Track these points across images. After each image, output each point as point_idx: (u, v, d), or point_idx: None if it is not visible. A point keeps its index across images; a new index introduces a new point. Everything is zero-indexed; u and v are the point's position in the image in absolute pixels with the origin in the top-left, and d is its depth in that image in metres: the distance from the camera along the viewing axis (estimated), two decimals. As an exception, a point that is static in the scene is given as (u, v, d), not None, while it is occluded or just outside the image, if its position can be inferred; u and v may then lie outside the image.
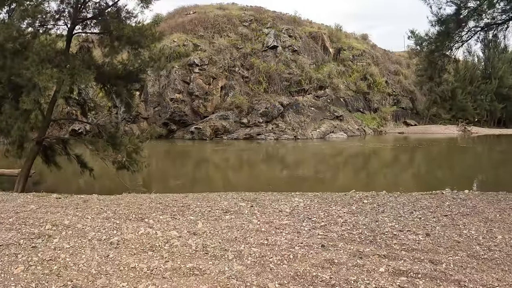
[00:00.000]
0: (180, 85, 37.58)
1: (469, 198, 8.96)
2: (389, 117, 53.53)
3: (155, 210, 7.60)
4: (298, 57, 44.07)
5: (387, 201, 8.55)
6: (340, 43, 52.84)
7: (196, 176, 18.37)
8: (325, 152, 29.94)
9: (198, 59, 38.60)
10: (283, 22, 47.36)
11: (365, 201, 8.58)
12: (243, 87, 39.81)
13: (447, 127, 57.25)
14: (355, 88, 49.99)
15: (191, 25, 43.78)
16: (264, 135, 36.79)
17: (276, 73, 41.35)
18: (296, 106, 40.79)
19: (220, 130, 36.23)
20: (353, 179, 18.16)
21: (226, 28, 43.77)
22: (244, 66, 41.20)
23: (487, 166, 24.15)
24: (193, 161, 24.33)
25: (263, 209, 7.70)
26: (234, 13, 46.61)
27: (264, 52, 42.85)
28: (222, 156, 27.12)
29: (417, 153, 30.06)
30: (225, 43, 41.47)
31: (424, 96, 61.98)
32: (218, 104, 38.28)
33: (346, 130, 43.17)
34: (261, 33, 44.43)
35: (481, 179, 18.61)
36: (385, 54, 62.07)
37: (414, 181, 18.25)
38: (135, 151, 12.56)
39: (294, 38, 45.53)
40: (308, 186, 15.51)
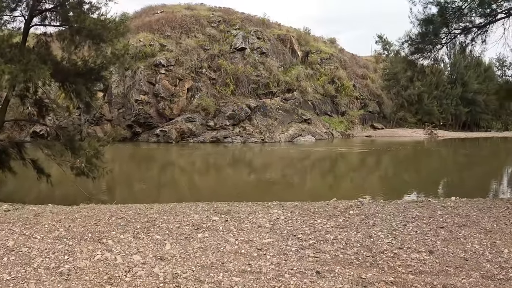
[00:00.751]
0: (146, 86, 37.01)
1: (459, 206, 8.87)
2: (357, 121, 54.29)
3: (115, 227, 6.75)
4: (267, 60, 44.07)
5: (374, 212, 8.22)
6: (308, 46, 53.34)
7: (162, 181, 17.93)
8: (293, 156, 29.85)
9: (164, 59, 38.11)
10: (251, 24, 47.37)
11: (351, 212, 8.18)
12: (210, 89, 39.52)
13: (413, 130, 58.54)
14: (323, 91, 50.53)
15: (158, 25, 43.30)
16: (231, 138, 36.54)
17: (244, 75, 41.24)
18: (264, 109, 40.71)
19: (186, 133, 35.78)
20: (325, 184, 18.14)
21: (194, 29, 43.46)
22: (211, 67, 40.92)
23: (454, 169, 24.74)
24: (158, 166, 23.75)
25: (240, 224, 7.03)
26: (203, 13, 46.39)
27: (232, 53, 42.70)
28: (188, 160, 26.68)
29: (387, 157, 30.42)
30: (192, 44, 41.14)
31: (390, 100, 63.12)
32: (184, 106, 37.88)
33: (314, 133, 43.36)
34: (229, 35, 44.31)
35: (449, 183, 18.95)
36: (352, 58, 63.03)
37: (386, 185, 18.19)
38: (96, 155, 11.67)
39: (262, 40, 45.52)
40: (279, 192, 15.39)
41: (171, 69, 38.08)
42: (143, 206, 8.75)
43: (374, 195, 14.83)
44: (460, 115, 69.60)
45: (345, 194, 14.52)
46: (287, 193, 15.38)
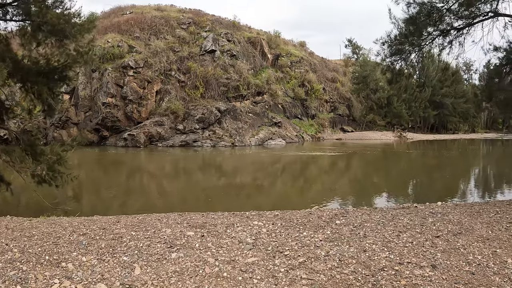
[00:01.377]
0: (113, 89, 36.53)
1: (448, 212, 8.75)
2: (327, 124, 54.75)
3: (76, 246, 5.97)
4: (237, 62, 44.02)
5: (362, 221, 7.82)
6: (278, 49, 53.67)
7: (130, 189, 17.37)
8: (264, 160, 29.84)
9: (133, 61, 37.71)
10: (222, 26, 47.27)
11: (338, 222, 7.72)
12: (179, 92, 39.25)
13: (383, 133, 59.47)
14: (293, 94, 50.90)
15: (127, 26, 42.85)
16: (200, 142, 36.41)
17: (214, 78, 41.15)
18: (234, 112, 40.60)
19: (154, 137, 35.45)
20: (300, 189, 17.96)
21: (163, 30, 43.15)
22: (180, 70, 40.67)
23: (427, 171, 25.23)
24: (126, 171, 23.39)
25: (218, 240, 6.35)
26: (172, 15, 46.11)
27: (202, 56, 42.55)
28: (157, 165, 26.33)
29: (360, 160, 30.71)
30: (161, 46, 40.82)
31: (360, 103, 63.77)
32: (153, 109, 37.56)
33: (284, 136, 43.53)
34: (199, 37, 44.18)
35: (424, 184, 19.34)
36: (322, 61, 63.70)
37: (362, 189, 18.25)
38: (59, 161, 10.93)
39: (233, 42, 45.48)
40: (253, 199, 15.40)
41: (139, 71, 37.71)
42: (109, 219, 8.07)
43: (352, 199, 15.32)
44: (428, 117, 71.18)
45: (321, 198, 14.86)
46: (262, 199, 15.39)
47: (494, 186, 19.58)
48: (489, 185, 20.23)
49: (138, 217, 8.33)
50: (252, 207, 12.44)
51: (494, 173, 26.73)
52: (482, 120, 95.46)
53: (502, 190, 18.10)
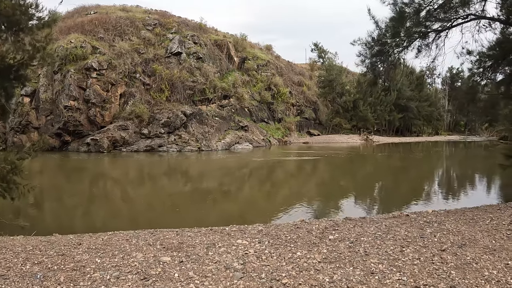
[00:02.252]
0: (76, 91, 35.64)
1: (443, 221, 8.51)
2: (293, 127, 54.90)
3: (29, 282, 4.96)
4: (203, 65, 43.70)
5: (357, 234, 7.35)
6: (245, 52, 53.63)
7: (93, 199, 16.77)
8: (232, 165, 29.61)
9: (96, 62, 36.92)
10: (188, 28, 46.89)
11: (331, 237, 7.08)
12: (144, 95, 38.70)
13: (349, 136, 60.17)
14: (260, 98, 50.94)
15: (91, 26, 41.94)
16: (166, 147, 35.96)
17: (179, 81, 40.76)
18: (200, 116, 40.25)
19: (118, 142, 34.80)
20: (273, 196, 17.76)
21: (128, 31, 42.47)
22: (145, 72, 40.13)
23: (396, 172, 26.27)
24: (89, 179, 22.58)
25: (201, 267, 5.47)
26: (138, 16, 45.43)
27: (168, 58, 42.07)
28: (121, 172, 25.83)
29: (328, 163, 30.79)
30: (126, 47, 40.15)
31: (326, 107, 64.23)
32: (116, 113, 36.90)
33: (251, 140, 43.44)
34: (165, 38, 43.68)
35: (396, 187, 19.80)
36: (288, 65, 63.99)
37: (334, 192, 18.34)
38: (13, 171, 9.62)
39: (199, 45, 45.16)
40: (225, 208, 14.96)
41: (103, 73, 36.96)
42: (69, 240, 7.08)
43: (325, 204, 15.54)
44: (393, 120, 72.27)
45: (292, 203, 14.85)
46: (231, 206, 15.19)
47: (463, 187, 20.19)
48: (459, 186, 20.89)
49: (102, 236, 7.45)
50: (222, 216, 12.76)
51: (460, 173, 28.25)
52: (445, 123, 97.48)
53: (470, 190, 18.96)
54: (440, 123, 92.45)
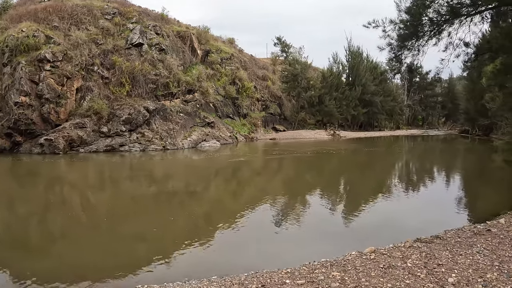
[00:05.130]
0: (27, 86, 31.86)
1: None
2: (259, 123, 53.17)
3: None
4: (166, 57, 40.86)
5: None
6: (208, 45, 51.51)
7: (45, 208, 14.59)
8: (199, 164, 28.45)
9: (50, 53, 33.31)
10: (150, 19, 43.90)
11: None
12: (102, 90, 35.45)
13: (316, 131, 59.77)
14: (224, 93, 49.02)
15: (45, 14, 37.94)
16: (128, 146, 32.97)
17: (141, 74, 37.81)
18: (164, 112, 37.47)
19: (76, 142, 31.24)
20: (244, 201, 16.64)
21: (86, 20, 38.87)
22: (104, 65, 36.89)
23: (373, 166, 28.38)
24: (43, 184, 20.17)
25: None
26: (96, 4, 41.71)
27: (128, 49, 39.00)
28: (79, 175, 23.12)
29: (299, 161, 30.80)
30: (83, 37, 36.64)
31: (289, 102, 63.05)
32: (73, 109, 33.35)
33: (218, 137, 41.28)
34: (125, 29, 40.56)
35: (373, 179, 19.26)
36: (252, 59, 62.77)
37: (308, 192, 18.10)
38: None
39: (161, 36, 42.26)
40: (190, 209, 14.70)
41: (57, 66, 33.44)
42: None
43: (297, 203, 15.91)
44: (358, 115, 71.89)
45: (264, 203, 15.25)
46: (202, 210, 14.71)
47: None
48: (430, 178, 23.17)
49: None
50: (189, 219, 13.14)
51: (429, 165, 31.81)
52: (405, 117, 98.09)
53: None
54: (401, 117, 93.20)
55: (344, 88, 68.36)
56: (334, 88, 65.72)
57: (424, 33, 14.80)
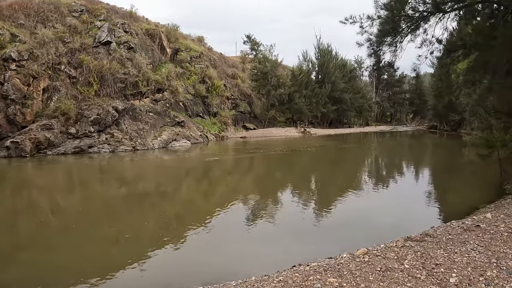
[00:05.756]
0: (-9, 86, 31.07)
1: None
2: (230, 122, 53.20)
3: None
4: (135, 56, 40.47)
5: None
6: (177, 43, 51.29)
7: (13, 214, 14.20)
8: (170, 164, 28.49)
9: (15, 52, 32.45)
10: (118, 16, 43.34)
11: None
12: (70, 90, 34.86)
13: (287, 129, 60.26)
14: (194, 91, 48.95)
15: (10, 11, 36.76)
16: (97, 147, 32.46)
17: (110, 73, 37.37)
18: (133, 112, 37.11)
19: (43, 144, 30.45)
20: (216, 202, 16.62)
21: (52, 18, 38.02)
22: (71, 64, 36.26)
23: (339, 163, 28.47)
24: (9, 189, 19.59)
25: None
26: (63, 1, 40.75)
27: (96, 48, 38.43)
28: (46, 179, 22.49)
29: (272, 158, 31.37)
30: (50, 35, 35.83)
31: (259, 100, 63.29)
32: (39, 110, 32.62)
33: (189, 137, 41.12)
34: (92, 26, 39.86)
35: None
36: (221, 57, 62.80)
37: (282, 191, 18.43)
38: None
39: (130, 34, 41.83)
40: (161, 210, 14.64)
41: (23, 65, 32.67)
42: None
43: (277, 203, 15.99)
44: (328, 113, 72.61)
45: (237, 202, 15.37)
46: (173, 210, 14.71)
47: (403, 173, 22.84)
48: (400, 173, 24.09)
49: None
50: (160, 220, 13.05)
51: (403, 160, 33.17)
52: (374, 114, 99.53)
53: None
54: (370, 114, 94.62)
55: (314, 86, 69.15)
56: (304, 86, 66.42)
57: (403, 29, 15.14)
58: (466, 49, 16.06)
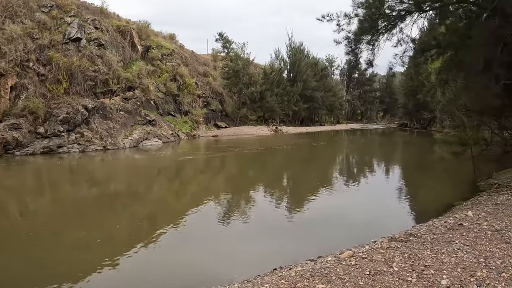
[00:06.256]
0: (-44, 84, 30.34)
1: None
2: (201, 120, 53.11)
3: None
4: (105, 53, 40.05)
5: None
6: (148, 40, 50.88)
7: None
8: (141, 164, 28.37)
9: (-19, 49, 31.76)
10: (88, 12, 42.76)
11: None
12: (38, 88, 34.23)
13: (258, 127, 60.61)
14: (165, 89, 48.79)
15: (-23, 6, 36.05)
16: (67, 147, 31.99)
17: (79, 70, 36.86)
18: (103, 110, 36.73)
19: (10, 144, 29.74)
20: (188, 201, 16.81)
21: (21, 13, 37.13)
22: (40, 61, 35.60)
23: (312, 161, 29.04)
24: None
25: None
26: (33, -5, 39.92)
27: (66, 44, 37.82)
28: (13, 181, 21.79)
29: (242, 158, 31.39)
30: (18, 31, 34.98)
31: (231, 98, 63.46)
32: (7, 109, 31.90)
33: (160, 136, 40.95)
34: (62, 22, 39.18)
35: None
36: (193, 55, 62.59)
37: (255, 190, 17.72)
38: None
39: (100, 30, 41.32)
40: (132, 211, 14.64)
41: (-10, 62, 31.99)
42: None
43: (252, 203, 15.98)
44: (299, 111, 73.17)
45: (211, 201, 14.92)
46: (145, 211, 14.67)
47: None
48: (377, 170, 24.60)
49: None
50: (132, 221, 13.03)
51: (376, 158, 33.73)
52: (345, 112, 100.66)
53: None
54: (341, 112, 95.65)
55: (286, 84, 69.70)
56: (276, 84, 66.85)
57: (381, 27, 15.39)
58: (440, 49, 16.46)
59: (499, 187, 15.01)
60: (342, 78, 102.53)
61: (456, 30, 15.27)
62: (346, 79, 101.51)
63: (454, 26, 15.76)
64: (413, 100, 61.82)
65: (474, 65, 13.01)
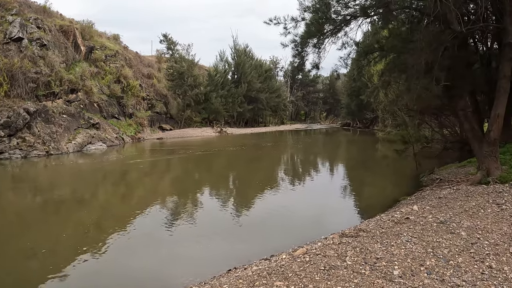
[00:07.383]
0: None
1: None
2: (146, 123, 53.16)
3: None
4: (48, 54, 39.58)
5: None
6: (92, 41, 50.49)
7: None
8: (84, 168, 28.24)
9: None
10: (31, 11, 42.05)
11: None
12: (-22, 90, 33.53)
13: (203, 129, 61.43)
14: (109, 92, 48.53)
15: None
16: (8, 153, 31.53)
17: (21, 72, 36.30)
18: (46, 114, 36.37)
19: None
20: (135, 205, 16.98)
21: (-41, 11, 36.32)
22: (-21, 62, 34.81)
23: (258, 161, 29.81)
24: None
25: None
26: (-29, -8, 38.94)
27: (6, 44, 37.14)
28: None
29: (188, 161, 31.79)
30: (-45, 31, 34.31)
31: (175, 100, 63.64)
32: None
33: (105, 139, 40.95)
34: (3, 21, 38.40)
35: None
36: (137, 56, 62.35)
37: (201, 192, 18.16)
38: None
39: (43, 30, 40.74)
40: (77, 217, 14.58)
41: None
42: None
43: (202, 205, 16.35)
44: (244, 112, 74.30)
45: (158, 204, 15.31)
46: (91, 217, 14.55)
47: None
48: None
49: None
50: (78, 228, 12.77)
51: (321, 157, 34.96)
52: (289, 113, 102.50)
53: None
54: (285, 113, 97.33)
55: (230, 86, 70.87)
56: (220, 86, 67.92)
57: (327, 31, 16.21)
58: (383, 51, 17.50)
59: (441, 182, 16.28)
60: (286, 80, 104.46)
61: (399, 34, 16.27)
62: (290, 81, 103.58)
63: (397, 30, 16.80)
64: (356, 100, 64.57)
65: (416, 68, 13.69)
